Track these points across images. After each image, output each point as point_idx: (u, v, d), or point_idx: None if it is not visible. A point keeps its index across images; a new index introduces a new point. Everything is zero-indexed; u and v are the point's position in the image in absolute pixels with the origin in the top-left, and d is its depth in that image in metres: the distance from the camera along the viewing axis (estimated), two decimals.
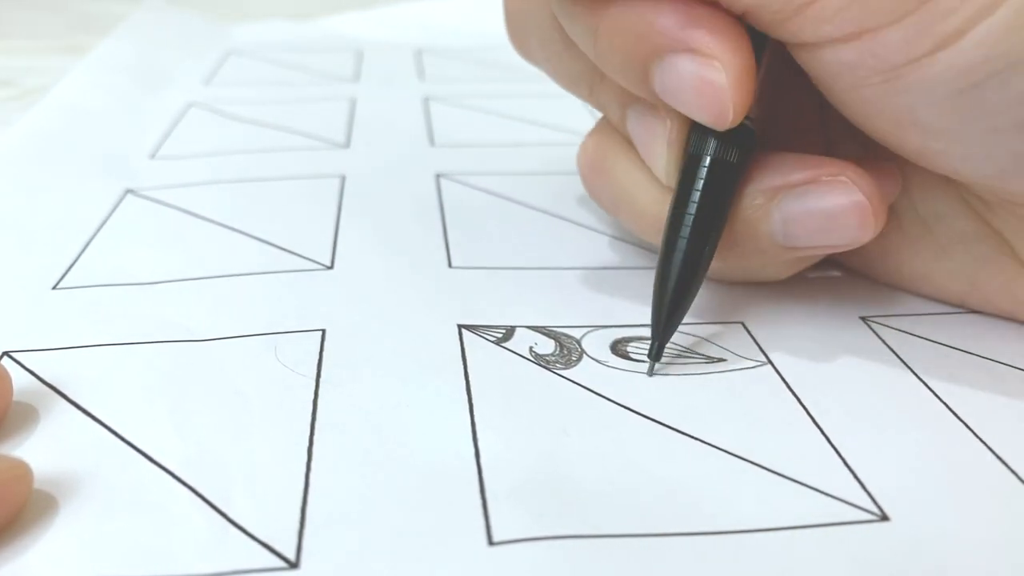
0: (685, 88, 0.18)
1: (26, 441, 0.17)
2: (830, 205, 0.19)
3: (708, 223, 0.19)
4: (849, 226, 0.19)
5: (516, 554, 0.15)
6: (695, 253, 0.19)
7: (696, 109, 0.18)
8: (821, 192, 0.19)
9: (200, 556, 0.15)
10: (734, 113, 0.18)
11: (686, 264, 0.19)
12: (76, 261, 0.24)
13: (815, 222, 0.19)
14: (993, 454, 0.17)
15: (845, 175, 0.19)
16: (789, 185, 0.19)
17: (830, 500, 0.16)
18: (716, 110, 0.18)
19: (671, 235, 0.19)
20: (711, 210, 0.19)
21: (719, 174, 0.19)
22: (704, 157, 0.19)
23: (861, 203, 0.19)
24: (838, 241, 0.19)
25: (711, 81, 0.17)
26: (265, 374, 0.19)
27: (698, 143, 0.19)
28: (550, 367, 0.20)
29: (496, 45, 0.48)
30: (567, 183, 0.30)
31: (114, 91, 0.38)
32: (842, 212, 0.19)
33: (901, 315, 0.22)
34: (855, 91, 0.18)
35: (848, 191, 0.19)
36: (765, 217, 0.19)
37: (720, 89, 0.17)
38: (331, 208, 0.28)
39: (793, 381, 0.19)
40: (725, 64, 0.17)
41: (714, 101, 0.17)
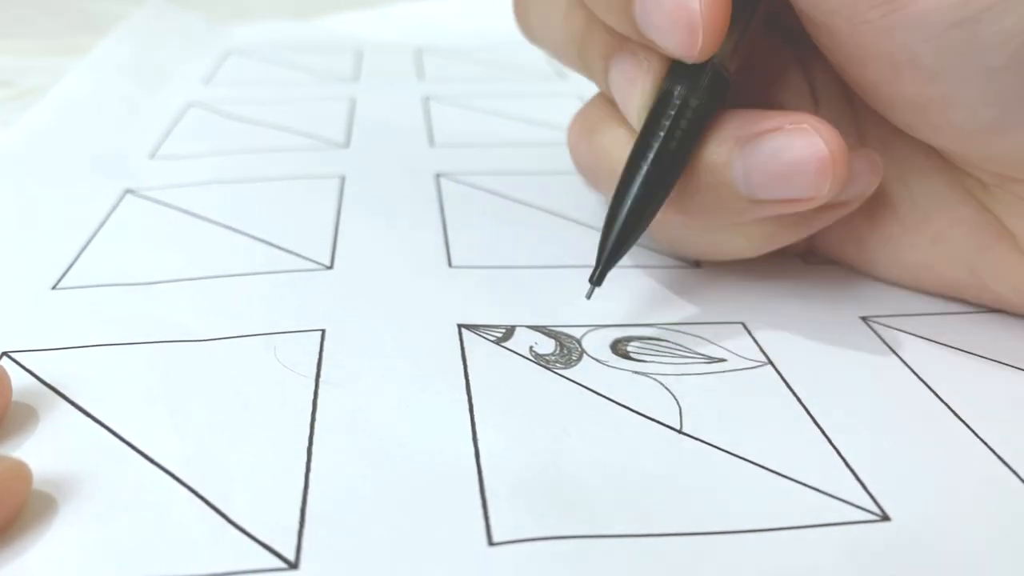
0: (663, 15, 0.18)
1: (26, 442, 0.17)
2: (790, 153, 0.19)
3: (669, 157, 0.19)
4: (807, 176, 0.19)
5: (516, 554, 0.15)
6: (653, 181, 0.19)
7: (668, 36, 0.18)
8: (782, 139, 0.19)
9: (200, 556, 0.15)
10: (703, 42, 0.18)
11: (643, 192, 0.19)
12: (76, 261, 0.24)
13: (775, 169, 0.19)
14: (994, 454, 0.17)
15: (808, 123, 0.19)
16: (753, 134, 0.19)
17: (830, 500, 0.16)
18: (687, 38, 0.18)
19: (631, 163, 0.19)
20: (674, 145, 0.19)
21: (686, 114, 0.19)
22: (674, 95, 0.19)
23: (821, 151, 0.18)
24: (797, 192, 0.19)
25: (685, 4, 0.18)
26: (265, 374, 0.19)
27: (670, 84, 0.19)
28: (550, 367, 0.20)
29: (496, 45, 0.49)
30: (567, 183, 0.30)
31: (114, 91, 0.38)
32: (801, 160, 0.19)
33: (901, 315, 0.22)
34: (852, 30, 0.18)
35: (808, 138, 0.18)
36: (727, 165, 0.19)
37: (693, 13, 0.18)
38: (331, 208, 0.28)
39: (793, 381, 0.19)
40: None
41: (686, 28, 0.18)
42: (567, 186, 0.30)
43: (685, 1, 0.18)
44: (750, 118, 0.19)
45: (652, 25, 0.18)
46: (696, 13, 0.18)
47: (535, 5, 0.24)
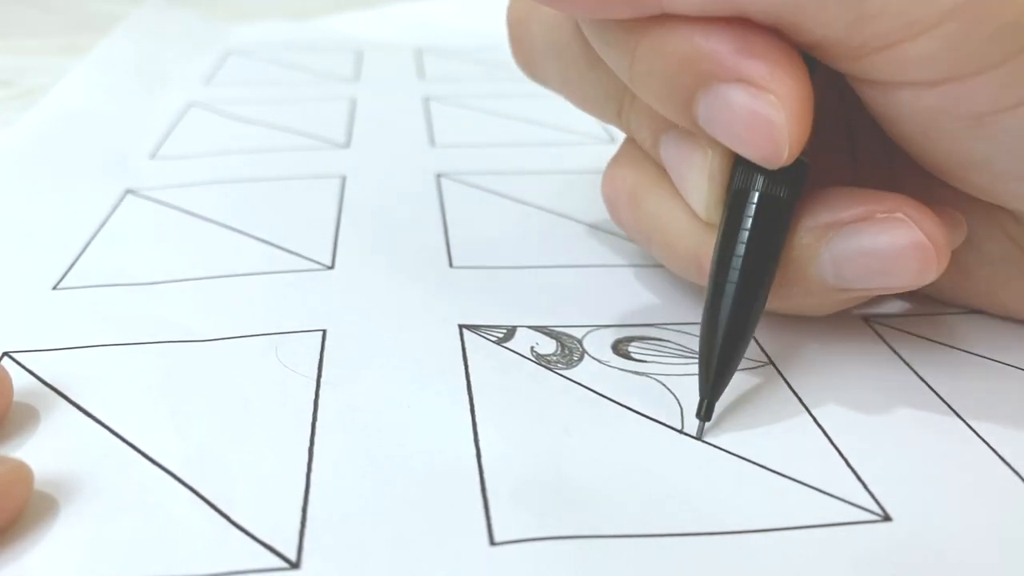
0: (735, 122, 0.16)
1: (27, 442, 0.17)
2: (885, 245, 0.17)
3: (758, 266, 0.17)
4: (908, 268, 0.17)
5: (518, 554, 0.15)
6: (746, 300, 0.17)
7: (746, 146, 0.16)
8: (876, 230, 0.17)
9: (201, 557, 0.15)
10: (790, 153, 0.16)
11: (736, 312, 0.17)
12: (76, 261, 0.24)
13: (869, 263, 0.17)
14: (995, 454, 0.17)
15: (902, 211, 0.17)
16: (840, 223, 0.17)
17: (832, 500, 0.16)
18: (770, 149, 0.16)
19: (718, 279, 0.17)
20: (761, 252, 0.17)
21: (768, 212, 0.17)
22: (752, 193, 0.17)
23: (921, 242, 0.17)
24: (895, 284, 0.18)
25: (765, 117, 0.16)
26: (266, 374, 0.19)
27: (744, 177, 0.17)
28: (551, 367, 0.20)
29: (496, 45, 0.48)
30: (568, 182, 0.30)
31: (114, 91, 0.38)
32: (899, 253, 0.17)
33: (903, 315, 0.22)
34: (927, 134, 0.16)
35: (906, 229, 0.17)
36: (814, 257, 0.18)
37: (775, 126, 0.16)
38: (331, 208, 0.28)
39: (795, 381, 0.19)
40: (782, 98, 0.15)
41: (768, 139, 0.16)
42: (568, 186, 0.30)
43: (764, 112, 0.15)
44: (834, 203, 0.18)
45: (723, 133, 0.16)
46: (780, 128, 0.15)
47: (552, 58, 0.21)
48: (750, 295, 0.17)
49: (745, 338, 0.17)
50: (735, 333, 0.17)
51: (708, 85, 0.16)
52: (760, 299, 0.17)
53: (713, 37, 0.16)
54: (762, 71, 0.15)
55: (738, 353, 0.17)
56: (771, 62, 0.15)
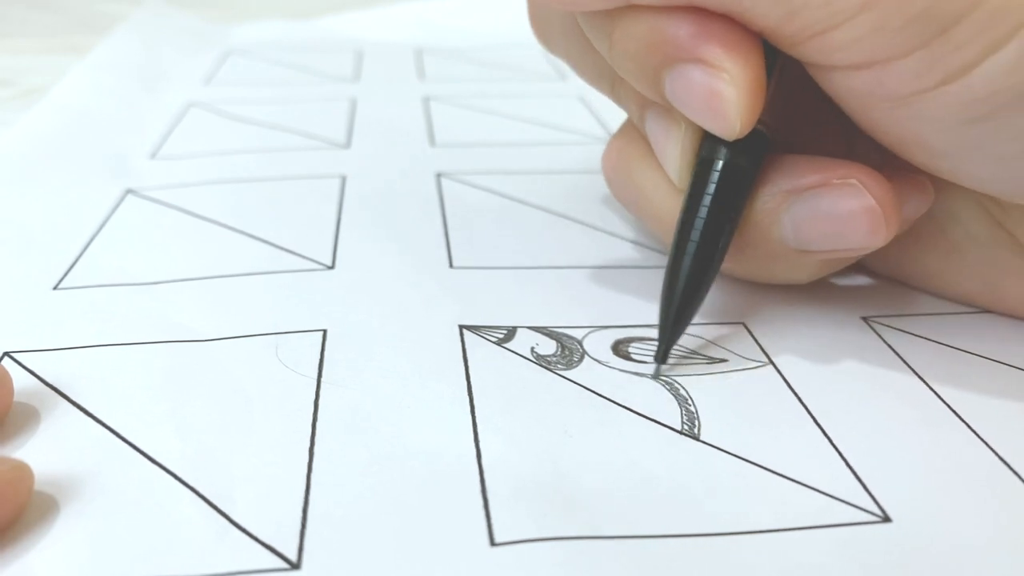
0: (694, 97, 0.18)
1: (27, 442, 0.17)
2: (839, 209, 0.19)
3: (718, 227, 0.19)
4: (859, 231, 0.19)
5: (518, 555, 0.15)
6: (704, 257, 0.19)
7: (704, 119, 0.18)
8: (831, 196, 0.19)
9: (201, 557, 0.15)
10: (741, 125, 0.18)
11: (695, 267, 0.19)
12: (76, 261, 0.24)
13: (825, 226, 0.19)
14: (995, 455, 0.17)
15: (855, 178, 0.19)
16: (799, 188, 0.19)
17: (832, 501, 0.16)
18: (724, 122, 0.18)
19: (681, 239, 0.19)
20: (721, 214, 0.19)
21: (730, 178, 0.19)
22: (715, 161, 0.19)
23: (871, 207, 0.18)
24: (848, 245, 0.19)
25: (719, 92, 0.17)
26: (266, 374, 0.19)
27: (710, 147, 0.19)
28: (551, 368, 0.20)
29: (496, 45, 0.49)
30: (568, 182, 0.30)
31: (114, 91, 0.38)
32: (851, 216, 0.19)
33: (903, 315, 0.22)
34: (864, 113, 0.18)
35: (858, 194, 0.18)
36: (775, 221, 0.19)
37: (727, 101, 0.17)
38: (332, 208, 0.28)
39: (795, 382, 0.19)
40: (734, 76, 0.17)
41: (721, 112, 0.18)
42: (568, 186, 0.30)
43: (718, 88, 0.17)
44: (795, 170, 0.19)
45: (685, 107, 0.18)
46: (731, 103, 0.17)
47: (559, 31, 0.23)
48: (709, 253, 0.19)
49: (702, 290, 0.19)
50: (694, 285, 0.19)
51: (672, 65, 0.18)
52: (718, 256, 0.19)
53: (674, 23, 0.18)
54: (716, 52, 0.17)
55: (695, 304, 0.19)
56: (725, 44, 0.17)
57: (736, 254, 0.20)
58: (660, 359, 0.19)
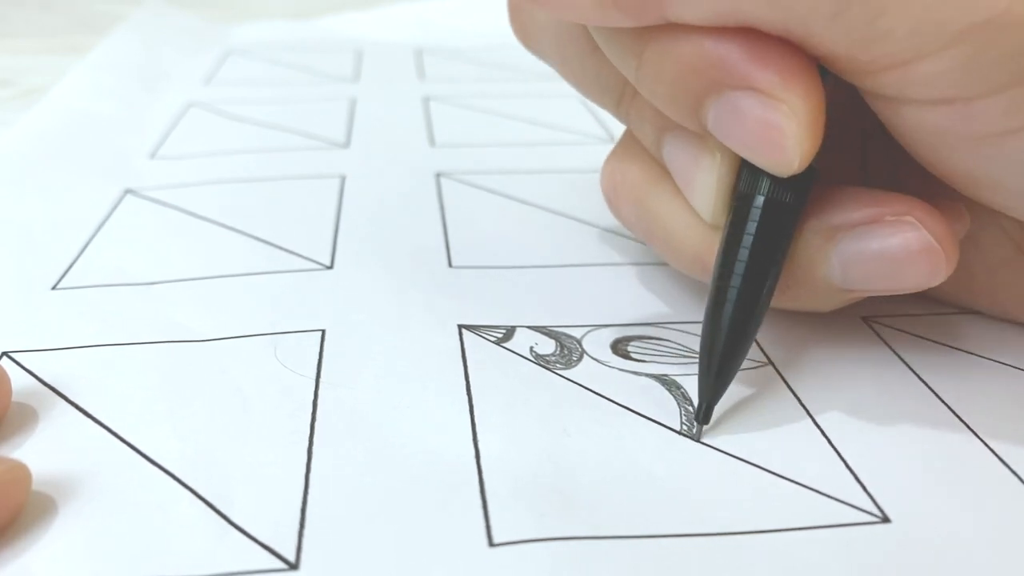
0: (746, 131, 0.16)
1: (25, 442, 0.17)
2: (895, 247, 0.17)
3: (761, 272, 0.17)
4: (917, 271, 0.17)
5: (517, 555, 0.15)
6: (748, 304, 0.17)
7: (757, 155, 0.16)
8: (884, 233, 0.17)
9: (200, 557, 0.15)
10: (800, 161, 0.16)
11: (738, 316, 0.17)
12: (76, 261, 0.24)
13: (877, 265, 0.17)
14: (994, 455, 0.17)
15: (912, 215, 0.17)
16: (849, 225, 0.17)
17: (831, 501, 0.16)
18: (780, 158, 0.16)
19: (720, 284, 0.17)
20: (764, 257, 0.17)
21: (774, 216, 0.17)
22: (756, 197, 0.17)
23: (930, 246, 0.17)
24: (903, 285, 0.17)
25: (777, 126, 0.15)
26: (265, 374, 0.19)
27: (750, 181, 0.17)
28: (550, 367, 0.20)
29: (496, 45, 0.48)
30: (567, 182, 0.30)
31: (114, 91, 0.38)
32: (909, 256, 0.17)
33: (902, 315, 0.22)
34: (933, 150, 0.16)
35: (916, 232, 0.17)
36: (822, 259, 0.18)
37: (786, 136, 0.15)
38: (331, 208, 0.28)
39: (794, 382, 0.19)
40: (794, 108, 0.15)
41: (779, 148, 0.16)
42: (568, 186, 0.30)
43: (776, 121, 0.15)
44: (843, 204, 0.17)
45: (732, 140, 0.16)
46: (792, 138, 0.15)
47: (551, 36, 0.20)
48: (752, 300, 0.17)
49: (746, 342, 0.17)
50: (736, 337, 0.17)
51: (718, 92, 0.16)
52: (762, 304, 0.17)
53: (724, 43, 0.15)
54: (774, 79, 0.15)
55: (738, 357, 0.17)
56: (783, 70, 0.15)
57: (776, 294, 0.18)
58: (702, 420, 0.17)
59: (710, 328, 0.17)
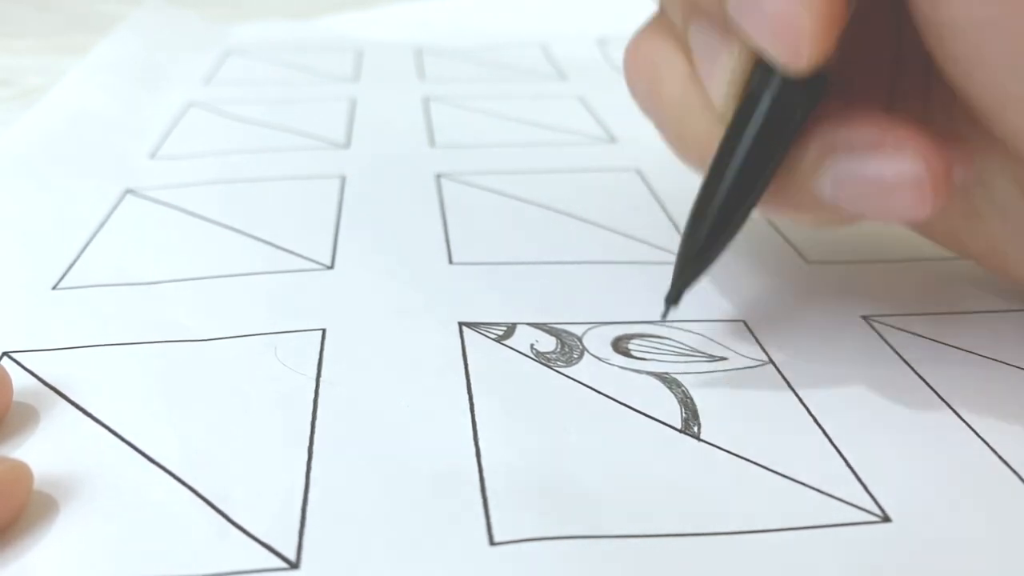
0: (759, 16, 0.15)
1: (26, 442, 0.17)
2: (889, 175, 0.16)
3: (755, 168, 0.17)
4: (906, 202, 0.17)
5: (517, 554, 0.15)
6: (737, 197, 0.17)
7: (767, 44, 0.16)
8: (881, 159, 0.17)
9: (200, 556, 0.15)
10: (810, 59, 0.15)
11: (726, 206, 0.17)
12: (76, 261, 0.24)
13: (868, 189, 0.17)
14: (995, 454, 0.17)
15: (913, 145, 0.16)
16: (849, 144, 0.17)
17: (831, 501, 0.16)
18: (791, 51, 0.15)
19: (713, 177, 0.18)
20: (760, 155, 0.17)
21: (778, 118, 0.17)
22: (764, 96, 0.17)
23: (924, 180, 0.16)
24: (887, 214, 0.18)
25: (791, 17, 0.15)
26: (265, 374, 0.19)
27: (762, 78, 0.17)
28: (551, 365, 0.20)
29: (496, 45, 0.49)
30: (568, 182, 0.30)
31: (114, 91, 0.38)
32: (901, 185, 0.16)
33: (903, 314, 0.22)
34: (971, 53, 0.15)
35: (913, 165, 0.16)
36: (814, 172, 0.17)
37: (799, 30, 0.15)
38: (331, 208, 0.28)
39: (795, 380, 0.19)
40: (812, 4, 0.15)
41: (790, 41, 0.15)
42: (568, 185, 0.30)
43: (790, 10, 0.15)
44: (845, 122, 0.17)
45: (748, 26, 0.16)
46: (804, 30, 0.15)
47: None
48: (743, 192, 0.17)
49: (729, 233, 0.18)
50: (721, 225, 0.17)
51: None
52: (751, 199, 0.18)
53: None
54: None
55: (719, 245, 0.18)
56: None
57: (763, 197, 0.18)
58: (671, 299, 0.18)
59: (696, 211, 0.18)
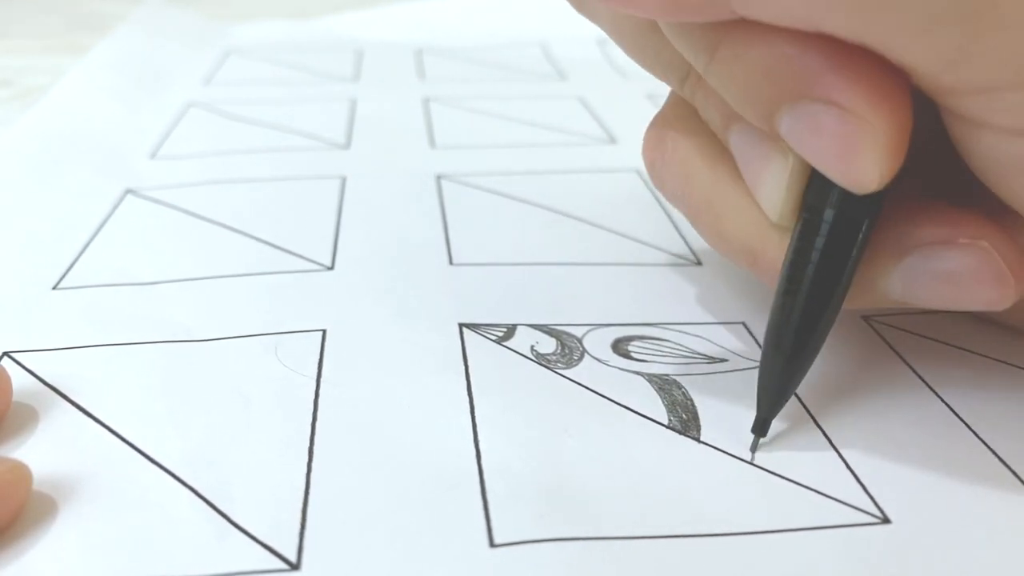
0: (822, 145, 0.15)
1: (26, 442, 0.17)
2: (965, 271, 0.16)
3: (827, 289, 0.17)
4: (984, 296, 0.16)
5: (517, 556, 0.15)
6: (813, 320, 0.17)
7: (831, 169, 0.15)
8: (954, 255, 0.16)
9: (200, 557, 0.15)
10: (879, 184, 0.14)
11: (804, 328, 0.17)
12: (76, 261, 0.24)
13: (943, 286, 0.16)
14: (994, 455, 0.17)
15: (986, 239, 0.16)
16: (919, 243, 0.16)
17: (831, 502, 0.16)
18: (858, 177, 0.14)
19: (786, 300, 0.17)
20: (832, 274, 0.16)
21: (843, 233, 0.16)
22: (827, 211, 0.16)
23: (1002, 273, 0.16)
24: (965, 307, 0.17)
25: (856, 144, 0.14)
26: (266, 374, 0.19)
27: (820, 192, 0.16)
28: (551, 366, 0.20)
29: (496, 45, 0.49)
30: (568, 182, 0.30)
31: (114, 91, 0.38)
32: (978, 281, 0.16)
33: (903, 314, 0.22)
34: (1009, 180, 0.15)
35: (988, 257, 0.16)
36: (885, 273, 0.17)
37: (867, 157, 0.14)
38: (331, 208, 0.28)
39: None
40: (876, 127, 0.14)
41: (856, 168, 0.14)
42: (569, 186, 0.30)
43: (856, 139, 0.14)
44: (913, 220, 0.17)
45: (807, 150, 0.15)
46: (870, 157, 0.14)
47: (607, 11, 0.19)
48: (817, 316, 0.17)
49: (810, 352, 0.17)
50: (801, 346, 0.17)
51: (794, 101, 0.15)
52: (828, 320, 0.17)
53: (804, 49, 0.14)
54: (858, 96, 0.14)
55: (803, 367, 0.17)
56: (868, 85, 0.14)
57: None
58: (759, 431, 0.17)
59: (774, 342, 0.17)
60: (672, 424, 0.18)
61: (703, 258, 0.25)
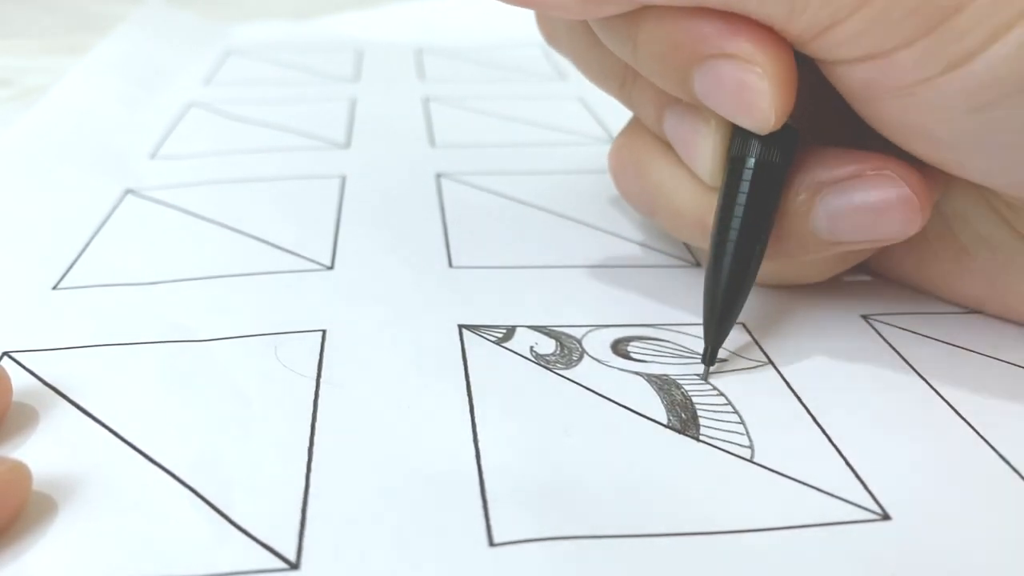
0: (726, 92, 0.18)
1: (26, 442, 0.17)
2: (875, 199, 0.19)
3: (756, 224, 0.19)
4: (895, 220, 0.19)
5: (517, 555, 0.15)
6: (745, 254, 0.19)
7: (737, 113, 0.18)
8: (866, 186, 0.19)
9: (200, 557, 0.15)
10: (776, 118, 0.18)
11: (736, 266, 0.19)
12: (76, 261, 0.24)
13: (860, 216, 0.19)
14: (995, 453, 0.17)
15: (889, 168, 0.19)
16: (833, 180, 0.19)
17: (831, 499, 0.16)
18: (758, 115, 0.18)
19: (720, 238, 0.19)
20: (758, 211, 0.19)
21: (764, 175, 0.19)
22: (748, 159, 0.19)
23: (907, 196, 0.18)
24: (883, 235, 0.19)
25: (751, 86, 0.17)
26: (266, 374, 0.19)
27: (741, 144, 0.19)
28: (551, 367, 0.20)
29: (496, 45, 0.49)
30: (568, 182, 0.30)
31: (114, 91, 0.38)
32: (888, 206, 0.19)
33: (903, 313, 0.22)
34: (871, 105, 0.18)
35: (894, 184, 0.18)
36: (809, 213, 0.19)
37: (760, 94, 0.17)
38: (331, 208, 0.28)
39: (794, 381, 0.19)
40: (766, 70, 0.17)
41: (755, 106, 0.17)
42: (568, 186, 0.30)
43: (750, 81, 0.17)
44: (826, 162, 0.19)
45: (717, 103, 0.18)
46: (765, 95, 0.17)
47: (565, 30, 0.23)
48: (748, 250, 0.19)
49: (744, 290, 0.19)
50: (736, 285, 0.19)
51: (701, 61, 0.18)
52: (758, 254, 0.19)
53: (700, 20, 0.18)
54: (746, 46, 0.17)
55: (738, 304, 0.19)
56: (754, 39, 0.17)
57: (768, 249, 0.20)
58: (708, 361, 0.19)
59: (712, 278, 0.19)
60: (671, 424, 0.18)
61: (702, 259, 0.25)
